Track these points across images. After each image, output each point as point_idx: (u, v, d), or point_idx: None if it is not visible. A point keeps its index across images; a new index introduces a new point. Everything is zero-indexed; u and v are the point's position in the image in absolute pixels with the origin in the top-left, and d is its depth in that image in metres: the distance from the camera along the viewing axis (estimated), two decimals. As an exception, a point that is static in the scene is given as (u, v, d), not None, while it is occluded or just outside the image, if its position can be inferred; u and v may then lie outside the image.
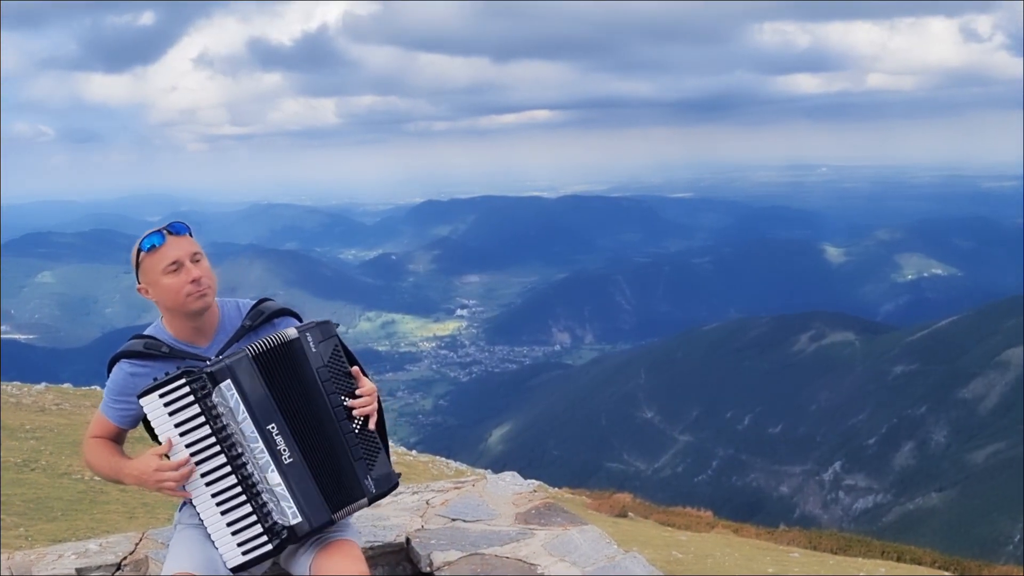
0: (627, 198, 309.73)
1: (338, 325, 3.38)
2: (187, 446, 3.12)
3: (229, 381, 3.09)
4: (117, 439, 3.45)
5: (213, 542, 3.17)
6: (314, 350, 3.20)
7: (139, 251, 3.32)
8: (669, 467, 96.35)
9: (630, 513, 17.82)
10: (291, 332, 3.20)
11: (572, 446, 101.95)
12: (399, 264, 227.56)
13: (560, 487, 22.33)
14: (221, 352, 3.29)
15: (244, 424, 3.11)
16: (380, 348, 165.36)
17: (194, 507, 3.32)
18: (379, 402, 3.39)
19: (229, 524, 3.14)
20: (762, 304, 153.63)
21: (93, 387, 19.87)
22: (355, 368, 3.32)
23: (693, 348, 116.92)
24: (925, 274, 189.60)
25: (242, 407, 3.10)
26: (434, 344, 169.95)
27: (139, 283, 3.36)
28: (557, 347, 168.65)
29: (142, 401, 3.12)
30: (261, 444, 3.12)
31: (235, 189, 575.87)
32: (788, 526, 22.93)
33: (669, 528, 16.54)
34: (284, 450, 3.13)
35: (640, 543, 12.66)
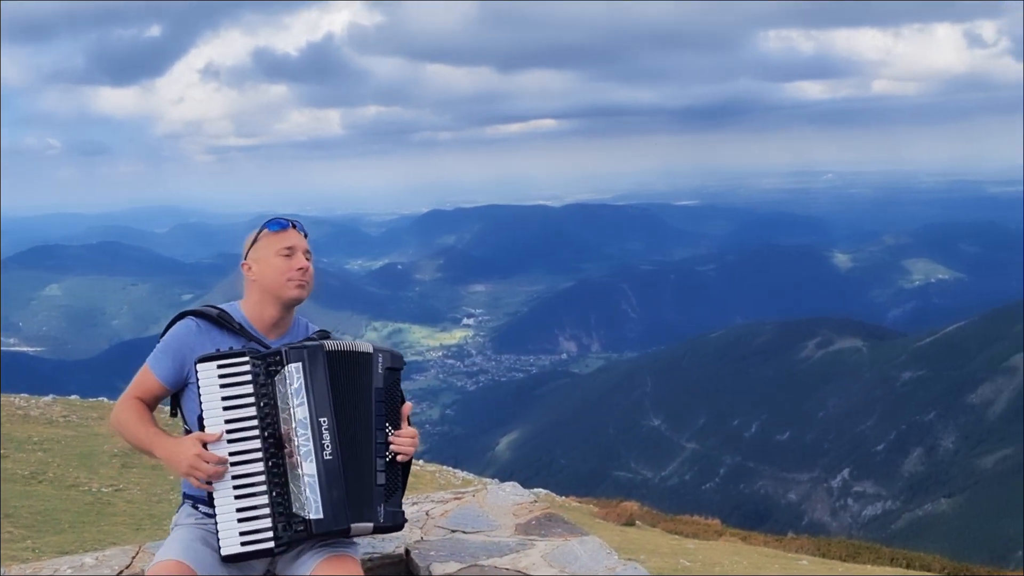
0: (632, 206, 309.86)
1: (405, 363, 3.45)
2: (227, 421, 3.12)
3: (300, 364, 3.14)
4: (153, 402, 3.44)
5: (216, 524, 3.13)
6: (379, 371, 3.29)
7: (263, 228, 3.52)
8: (676, 475, 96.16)
9: (638, 521, 17.78)
10: (367, 346, 3.31)
11: (579, 454, 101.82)
12: (405, 274, 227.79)
13: (567, 495, 22.29)
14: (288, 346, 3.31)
15: (299, 409, 3.13)
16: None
17: (192, 504, 3.37)
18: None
19: (239, 510, 3.11)
20: (768, 311, 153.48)
21: (100, 399, 19.88)
22: (407, 404, 3.41)
23: (699, 355, 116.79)
24: (932, 279, 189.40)
25: (303, 392, 3.13)
26: (441, 353, 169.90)
27: (245, 259, 3.53)
28: (563, 356, 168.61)
29: (199, 366, 3.12)
30: (309, 432, 3.13)
31: (241, 200, 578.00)
32: (796, 534, 22.87)
33: (677, 536, 16.49)
34: (327, 445, 3.15)
35: (648, 551, 12.63)
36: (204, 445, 3.12)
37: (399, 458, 3.33)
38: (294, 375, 3.13)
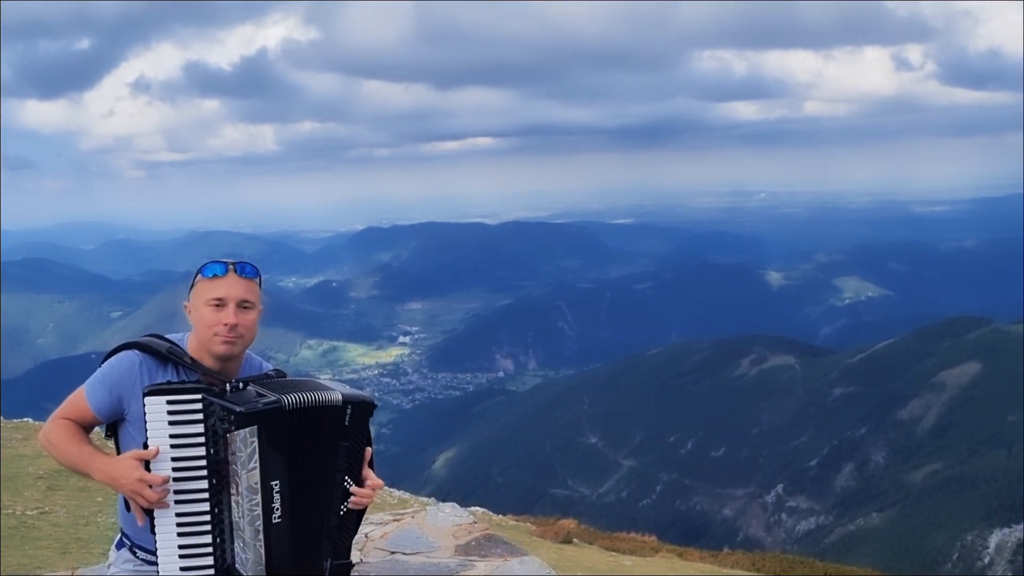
0: (569, 224, 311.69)
1: (377, 407, 3.32)
2: (173, 459, 3.01)
3: (256, 428, 2.94)
4: (86, 428, 3.29)
5: (157, 565, 3.06)
6: (347, 424, 3.14)
7: (199, 273, 3.29)
8: (613, 492, 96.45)
9: (575, 539, 17.72)
10: (337, 397, 3.10)
11: (516, 472, 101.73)
12: (340, 291, 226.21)
13: (505, 514, 22.18)
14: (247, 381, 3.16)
15: (251, 473, 2.97)
16: (322, 376, 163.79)
17: (130, 547, 3.23)
18: None
19: (181, 547, 3.03)
20: (704, 329, 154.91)
21: (25, 419, 19.38)
22: (368, 450, 3.29)
23: (636, 373, 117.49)
24: (862, 297, 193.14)
25: (256, 457, 2.96)
26: (376, 371, 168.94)
27: (187, 300, 3.32)
28: (500, 373, 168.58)
29: (147, 399, 3.00)
30: (259, 497, 2.98)
31: (173, 216, 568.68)
32: (732, 549, 23.02)
33: (614, 553, 16.46)
34: (276, 508, 3.01)
35: (585, 569, 12.59)
36: (147, 463, 3.03)
37: (355, 504, 3.25)
38: (248, 439, 2.94)
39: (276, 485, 3.00)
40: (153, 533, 3.07)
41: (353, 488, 3.20)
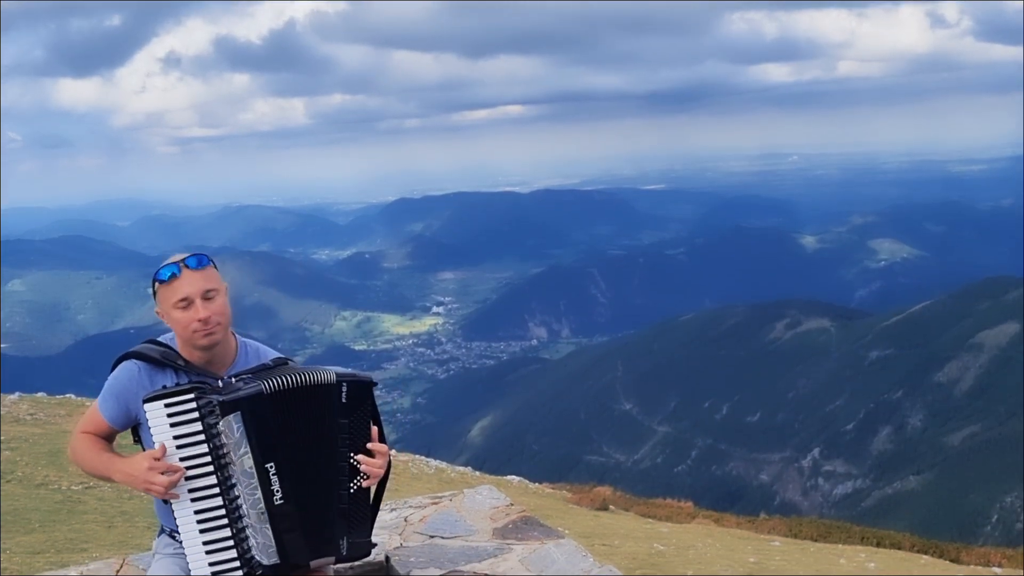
0: (600, 191, 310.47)
1: (377, 384, 3.39)
2: (181, 459, 3.11)
3: (239, 414, 3.08)
4: (108, 437, 3.43)
5: (187, 559, 3.16)
6: (344, 401, 3.22)
7: (155, 280, 3.33)
8: (649, 458, 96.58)
9: (611, 506, 17.81)
10: (328, 374, 3.22)
11: (552, 440, 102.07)
12: (373, 262, 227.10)
13: (540, 482, 22.33)
14: (238, 376, 3.27)
15: (244, 458, 3.10)
16: (357, 347, 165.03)
17: (169, 533, 3.31)
18: (388, 465, 3.39)
19: (205, 543, 3.13)
20: (737, 293, 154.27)
21: (67, 395, 19.69)
22: (375, 429, 3.34)
23: (669, 339, 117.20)
24: (897, 259, 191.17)
25: (245, 442, 3.09)
26: (411, 342, 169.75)
27: (156, 307, 3.39)
28: (534, 342, 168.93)
29: (147, 407, 3.11)
30: (256, 480, 3.11)
31: (206, 191, 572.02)
32: (768, 514, 23.01)
33: (650, 520, 16.54)
34: (276, 491, 3.12)
35: (621, 536, 12.66)
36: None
37: (366, 482, 3.30)
38: (233, 425, 3.08)
39: (271, 468, 3.11)
40: (180, 546, 3.19)
41: (360, 458, 3.26)
